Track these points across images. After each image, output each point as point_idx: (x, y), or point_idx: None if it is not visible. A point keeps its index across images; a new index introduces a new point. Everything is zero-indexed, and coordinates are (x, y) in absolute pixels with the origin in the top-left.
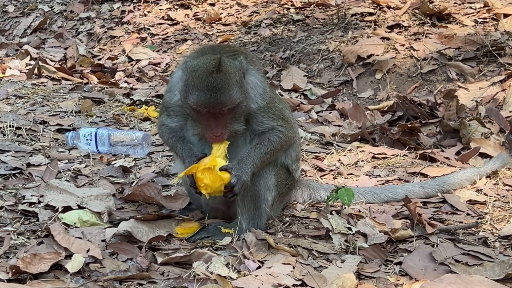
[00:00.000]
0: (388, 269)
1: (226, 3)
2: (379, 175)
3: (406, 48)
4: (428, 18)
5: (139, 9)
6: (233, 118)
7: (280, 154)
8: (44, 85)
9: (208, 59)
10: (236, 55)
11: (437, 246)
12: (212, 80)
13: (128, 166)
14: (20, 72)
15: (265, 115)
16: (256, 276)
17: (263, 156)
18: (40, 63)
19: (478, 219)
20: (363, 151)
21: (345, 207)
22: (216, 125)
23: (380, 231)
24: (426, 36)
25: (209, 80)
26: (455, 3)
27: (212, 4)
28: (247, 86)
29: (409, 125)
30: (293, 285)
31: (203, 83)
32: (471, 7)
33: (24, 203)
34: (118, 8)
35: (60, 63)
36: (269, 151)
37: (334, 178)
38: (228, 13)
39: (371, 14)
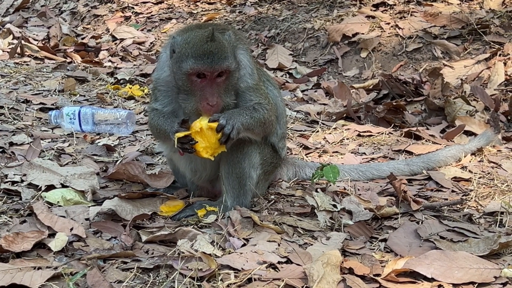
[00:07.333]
0: (373, 246)
1: None
2: (364, 153)
3: (392, 26)
4: None
5: None
6: (227, 89)
7: (260, 134)
8: (27, 64)
9: (199, 31)
10: (224, 32)
11: (422, 223)
12: (208, 46)
13: (112, 145)
14: (3, 51)
15: (253, 94)
16: (241, 253)
17: (249, 117)
18: (23, 42)
19: (463, 196)
20: (348, 129)
21: (330, 185)
22: (212, 94)
23: (365, 208)
24: (411, 15)
25: (204, 47)
26: None
27: None
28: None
29: (394, 103)
30: (278, 262)
31: (199, 50)
32: None
33: (7, 182)
34: None
35: (43, 42)
36: (254, 117)
37: (320, 156)
38: None
39: None
